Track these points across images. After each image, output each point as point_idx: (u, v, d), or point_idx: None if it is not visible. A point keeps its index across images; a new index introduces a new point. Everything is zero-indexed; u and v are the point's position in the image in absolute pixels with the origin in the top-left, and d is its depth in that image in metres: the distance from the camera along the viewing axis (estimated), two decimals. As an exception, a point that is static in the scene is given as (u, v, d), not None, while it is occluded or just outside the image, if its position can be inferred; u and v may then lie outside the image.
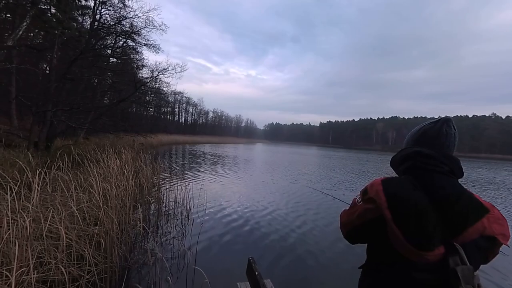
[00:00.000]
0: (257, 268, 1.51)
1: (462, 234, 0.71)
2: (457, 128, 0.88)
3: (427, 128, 0.88)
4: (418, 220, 0.72)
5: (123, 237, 2.90)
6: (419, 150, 0.84)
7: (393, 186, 0.78)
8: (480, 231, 0.71)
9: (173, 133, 44.13)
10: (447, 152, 0.83)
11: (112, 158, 5.35)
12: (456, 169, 0.81)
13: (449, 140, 0.85)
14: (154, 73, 14.92)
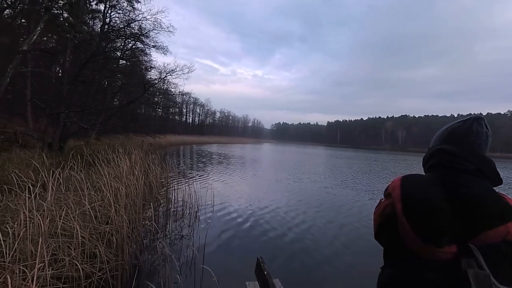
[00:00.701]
0: (266, 268, 1.51)
1: (480, 235, 0.68)
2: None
3: (455, 127, 0.85)
4: (429, 214, 0.71)
5: (133, 236, 2.95)
6: (442, 148, 0.82)
7: (410, 180, 0.78)
8: (503, 235, 0.66)
9: (181, 133, 44.69)
10: (477, 151, 0.79)
11: (122, 158, 5.46)
12: (486, 169, 0.76)
13: (480, 139, 0.81)
14: (162, 74, 15.14)
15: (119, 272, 2.22)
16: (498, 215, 0.68)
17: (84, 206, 2.75)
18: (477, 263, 0.65)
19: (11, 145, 6.92)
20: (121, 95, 20.27)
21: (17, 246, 1.90)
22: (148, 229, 3.66)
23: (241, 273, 2.62)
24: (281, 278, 2.10)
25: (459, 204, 0.71)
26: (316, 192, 7.79)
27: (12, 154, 5.63)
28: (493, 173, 0.77)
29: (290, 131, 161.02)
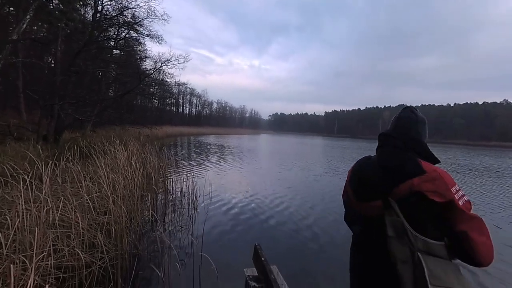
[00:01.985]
0: (263, 254, 1.54)
1: (393, 191, 0.85)
2: (468, 116, 0.95)
3: (395, 116, 1.07)
4: (361, 180, 0.97)
5: (132, 226, 2.98)
6: (381, 132, 1.04)
7: (358, 160, 1.05)
8: (410, 188, 0.82)
9: (178, 124, 44.38)
10: (405, 132, 0.98)
11: (119, 150, 5.43)
12: (411, 144, 0.95)
13: (409, 122, 1.01)
14: (158, 64, 14.84)
15: (118, 261, 2.25)
16: (406, 173, 0.84)
17: (81, 197, 2.75)
18: (395, 213, 0.82)
19: (5, 137, 6.82)
20: (116, 86, 19.92)
21: (16, 237, 1.91)
22: (147, 219, 3.70)
23: (240, 260, 2.67)
24: (278, 264, 2.15)
25: (382, 169, 0.91)
26: (312, 180, 7.87)
27: (6, 147, 5.56)
28: (421, 149, 0.95)
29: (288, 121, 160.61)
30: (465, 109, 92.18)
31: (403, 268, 0.77)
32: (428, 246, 0.78)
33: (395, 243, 0.80)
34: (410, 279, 0.75)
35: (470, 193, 7.17)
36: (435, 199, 0.79)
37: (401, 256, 0.78)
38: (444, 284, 0.73)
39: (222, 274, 2.42)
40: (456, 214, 0.79)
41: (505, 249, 3.47)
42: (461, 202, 0.79)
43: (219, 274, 2.36)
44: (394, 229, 0.81)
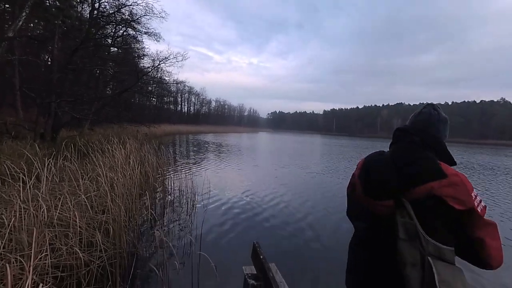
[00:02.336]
0: (262, 252, 1.54)
1: (409, 191, 0.80)
2: (466, 115, 0.93)
3: (415, 112, 1.03)
4: (372, 174, 0.90)
5: (130, 225, 2.97)
6: (398, 127, 0.99)
7: (370, 155, 0.99)
8: (428, 191, 0.78)
9: (176, 123, 44.22)
10: (425, 128, 0.94)
11: (117, 148, 5.40)
12: (431, 142, 0.90)
13: (429, 119, 0.96)
14: (156, 62, 14.75)
15: (117, 260, 2.24)
16: (425, 175, 0.80)
17: (79, 196, 2.74)
18: (408, 214, 0.78)
19: (1, 136, 6.77)
20: (113, 84, 19.79)
21: (13, 236, 1.90)
22: (146, 218, 3.69)
23: (238, 259, 2.68)
24: (277, 262, 2.15)
25: (397, 167, 0.86)
26: (310, 179, 7.88)
27: (3, 145, 5.52)
28: (440, 149, 0.90)
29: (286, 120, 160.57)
30: (463, 107, 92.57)
31: (412, 271, 0.75)
32: (439, 251, 0.76)
33: (406, 246, 0.77)
34: (418, 283, 0.74)
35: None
36: (455, 206, 0.76)
37: (411, 259, 0.76)
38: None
39: (221, 273, 2.43)
40: (475, 221, 0.78)
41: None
42: (479, 209, 0.78)
43: (218, 273, 2.37)
44: (406, 231, 0.78)
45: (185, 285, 2.33)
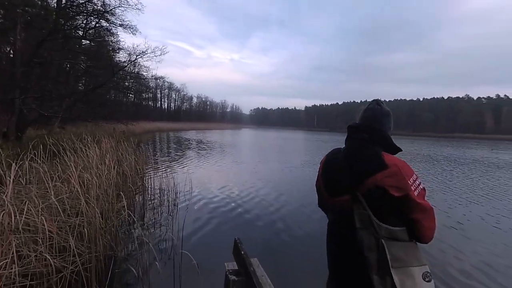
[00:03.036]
0: (243, 248, 1.55)
1: (362, 184, 0.90)
2: (435, 110, 0.99)
3: (363, 108, 1.13)
4: (330, 173, 1.04)
5: (107, 227, 2.85)
6: (350, 125, 1.08)
7: (330, 152, 1.11)
8: (374, 183, 0.87)
9: (156, 120, 42.77)
10: (372, 125, 1.03)
11: (91, 147, 5.12)
12: (377, 138, 1.00)
13: (374, 114, 1.07)
14: (132, 56, 14.10)
15: (92, 264, 2.15)
16: (371, 169, 0.89)
17: (49, 199, 2.57)
18: (362, 206, 0.88)
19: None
20: (86, 79, 18.61)
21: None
22: (124, 219, 3.56)
23: (221, 255, 2.66)
24: (259, 257, 2.18)
25: (350, 165, 0.96)
26: (290, 173, 8.04)
27: (-41, 146, 5.01)
28: (385, 142, 1.00)
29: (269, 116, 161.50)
30: (433, 103, 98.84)
31: (370, 254, 0.85)
32: (392, 233, 0.86)
33: (362, 233, 0.87)
34: (375, 263, 0.84)
35: (425, 179, 7.98)
36: (395, 194, 0.86)
37: (368, 244, 0.86)
38: (404, 264, 0.83)
39: (203, 270, 2.41)
40: (412, 204, 0.88)
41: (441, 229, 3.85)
42: (416, 192, 0.88)
43: (201, 271, 2.36)
44: (361, 221, 0.88)
45: (166, 285, 2.29)
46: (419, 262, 0.85)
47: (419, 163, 11.95)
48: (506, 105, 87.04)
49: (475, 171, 10.33)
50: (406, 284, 0.80)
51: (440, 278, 2.58)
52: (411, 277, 0.81)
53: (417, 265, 0.84)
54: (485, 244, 3.52)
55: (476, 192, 6.54)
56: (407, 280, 0.81)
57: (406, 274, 0.82)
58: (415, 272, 0.83)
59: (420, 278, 0.82)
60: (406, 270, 0.82)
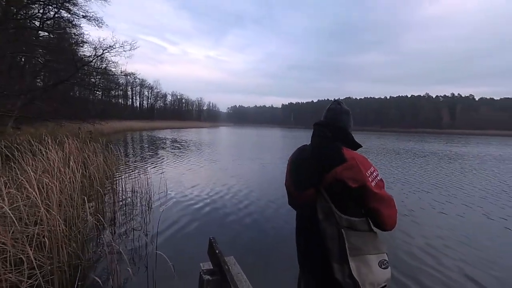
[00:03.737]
0: (217, 247, 1.55)
1: (323, 179, 0.95)
2: (400, 108, 1.09)
3: (327, 108, 1.20)
4: (296, 169, 1.10)
5: (72, 234, 2.65)
6: (315, 122, 1.16)
7: (297, 149, 1.18)
8: (334, 176, 0.93)
9: (128, 119, 40.52)
10: (334, 123, 1.11)
11: (52, 149, 4.71)
12: (339, 135, 1.07)
13: (335, 113, 1.14)
14: (98, 50, 13.17)
15: (55, 276, 1.99)
16: (332, 163, 0.95)
17: (1, 207, 2.32)
18: (324, 199, 0.94)
19: None
20: (46, 74, 16.98)
21: None
22: (92, 225, 3.34)
23: (197, 256, 2.62)
24: (236, 255, 2.19)
25: (314, 160, 1.02)
26: (265, 170, 8.16)
27: None
28: (346, 138, 1.08)
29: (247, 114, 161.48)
30: (398, 101, 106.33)
31: (331, 244, 0.91)
32: (350, 223, 0.92)
33: (325, 224, 0.93)
34: (336, 252, 0.89)
35: (386, 171, 8.71)
36: (352, 185, 0.92)
37: (330, 234, 0.92)
38: (362, 253, 0.88)
39: (179, 271, 2.36)
40: (370, 194, 0.93)
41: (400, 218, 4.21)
42: (373, 183, 0.93)
43: (176, 272, 2.30)
44: (323, 213, 0.94)
45: (140, 290, 2.20)
46: (377, 250, 0.91)
47: (383, 156, 12.85)
48: (460, 102, 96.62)
49: (430, 162, 11.37)
50: (362, 271, 0.86)
51: (390, 261, 2.79)
52: (367, 265, 0.87)
53: (374, 253, 0.90)
54: (432, 228, 3.88)
55: (428, 182, 7.18)
56: (363, 267, 0.86)
57: (363, 262, 0.87)
58: (371, 260, 0.88)
59: (376, 266, 0.88)
60: (363, 258, 0.88)
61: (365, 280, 0.85)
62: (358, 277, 0.85)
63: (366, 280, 0.85)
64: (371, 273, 0.86)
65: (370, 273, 0.86)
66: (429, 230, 3.80)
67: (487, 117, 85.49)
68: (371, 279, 0.86)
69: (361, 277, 0.85)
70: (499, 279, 2.56)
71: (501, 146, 23.32)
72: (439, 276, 2.58)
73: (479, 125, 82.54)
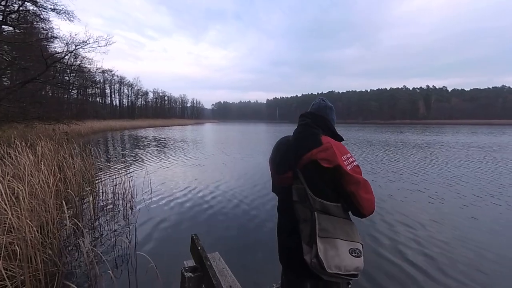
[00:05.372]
0: (200, 243, 1.53)
1: (300, 162, 1.00)
2: (380, 100, 1.14)
3: (312, 103, 1.29)
4: (275, 155, 1.16)
5: (47, 241, 2.52)
6: (301, 113, 1.21)
7: (280, 138, 1.22)
8: (309, 157, 0.98)
9: (107, 118, 38.93)
10: (316, 113, 1.18)
11: (23, 153, 4.42)
12: (319, 123, 1.13)
13: (318, 106, 1.22)
14: (71, 46, 12.41)
15: (29, 286, 1.88)
16: (308, 146, 1.01)
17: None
18: (300, 181, 0.98)
19: None
20: (12, 72, 15.76)
21: None
22: (70, 230, 3.19)
23: (180, 255, 2.60)
24: (220, 251, 2.19)
25: (295, 145, 1.07)
26: (247, 165, 8.19)
27: None
28: (326, 127, 1.14)
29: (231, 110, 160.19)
30: (378, 94, 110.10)
31: (304, 225, 0.95)
32: (323, 206, 0.94)
33: (299, 206, 0.97)
34: (307, 233, 0.93)
35: (364, 161, 9.16)
36: (324, 165, 0.95)
37: (303, 216, 0.96)
38: (331, 236, 0.89)
39: (163, 271, 2.32)
40: (345, 177, 0.94)
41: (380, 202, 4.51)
42: (349, 167, 0.95)
43: (160, 272, 2.26)
44: (298, 195, 0.98)
45: (123, 293, 2.14)
46: (349, 237, 0.91)
47: (363, 148, 13.33)
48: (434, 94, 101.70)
49: (402, 151, 12.00)
50: (328, 253, 0.86)
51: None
52: (335, 248, 0.87)
53: (345, 239, 0.90)
54: (397, 213, 4.12)
55: (397, 170, 7.56)
56: (331, 250, 0.87)
57: (330, 244, 0.88)
58: (340, 245, 0.88)
59: (345, 252, 0.88)
60: (331, 240, 0.88)
61: (330, 263, 0.86)
62: (324, 258, 0.85)
63: (332, 262, 0.86)
64: (338, 257, 0.86)
65: (337, 256, 0.86)
66: (394, 215, 4.01)
67: (458, 107, 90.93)
68: (337, 262, 0.86)
69: (327, 258, 0.86)
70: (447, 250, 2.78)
71: (468, 134, 24.97)
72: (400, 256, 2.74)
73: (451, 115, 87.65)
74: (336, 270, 0.86)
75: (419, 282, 2.34)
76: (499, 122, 67.81)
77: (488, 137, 21.15)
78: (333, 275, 0.87)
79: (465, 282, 2.34)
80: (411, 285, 2.30)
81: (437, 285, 2.30)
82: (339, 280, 0.93)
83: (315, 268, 0.88)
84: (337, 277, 0.89)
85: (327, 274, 0.88)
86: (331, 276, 0.88)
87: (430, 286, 2.29)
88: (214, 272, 1.30)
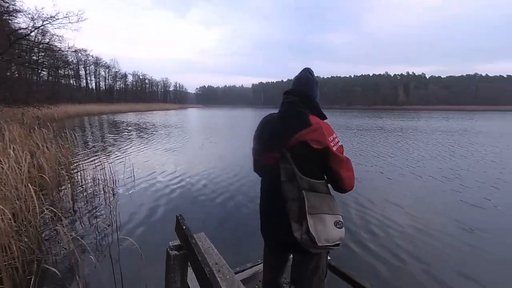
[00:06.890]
0: (184, 223, 1.53)
1: (287, 142, 0.99)
2: (363, 86, 1.10)
3: (296, 75, 1.22)
4: (260, 133, 1.14)
5: (22, 229, 2.41)
6: (285, 90, 1.17)
7: (264, 117, 1.19)
8: (298, 139, 0.98)
9: (84, 102, 36.68)
10: (301, 89, 1.14)
11: (-12, 138, 4.09)
12: (305, 101, 1.11)
13: (304, 80, 1.17)
14: (37, 21, 11.30)
15: (6, 274, 1.82)
16: (297, 126, 0.99)
17: None
18: (288, 161, 0.98)
19: None
20: (-31, 50, 14.11)
21: None
22: (48, 217, 3.07)
23: (166, 237, 2.60)
24: (206, 231, 2.21)
25: (281, 123, 1.06)
26: (231, 149, 8.21)
27: None
28: (312, 105, 1.12)
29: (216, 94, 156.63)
30: (361, 79, 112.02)
31: (292, 204, 0.96)
32: (311, 185, 0.97)
33: (287, 186, 0.97)
34: (296, 211, 0.95)
35: (347, 144, 9.56)
36: (314, 146, 0.96)
37: (291, 195, 0.96)
38: (319, 211, 0.94)
39: (147, 253, 2.33)
40: (331, 156, 0.98)
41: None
42: (335, 148, 0.98)
43: (144, 254, 2.26)
44: (286, 174, 0.98)
45: (107, 275, 2.13)
46: (333, 211, 0.97)
47: (340, 133, 13.79)
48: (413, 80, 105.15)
49: (373, 136, 12.56)
50: (317, 227, 0.92)
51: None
52: (323, 222, 0.93)
53: (330, 213, 0.96)
54: (378, 191, 4.41)
55: (365, 154, 7.93)
56: (319, 224, 0.93)
57: (319, 219, 0.93)
58: (327, 219, 0.95)
59: (331, 224, 0.94)
60: (320, 216, 0.94)
61: (320, 236, 0.91)
62: (314, 233, 0.90)
63: (321, 236, 0.91)
64: (325, 230, 0.92)
65: (324, 229, 0.92)
66: (375, 193, 4.28)
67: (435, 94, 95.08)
68: (325, 236, 0.92)
69: (317, 233, 0.91)
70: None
71: (440, 120, 26.41)
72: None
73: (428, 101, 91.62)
74: (325, 243, 0.91)
75: (357, 253, 2.54)
76: (471, 108, 72.12)
77: (457, 122, 22.57)
78: (322, 247, 0.93)
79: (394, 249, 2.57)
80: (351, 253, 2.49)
81: (372, 256, 2.51)
82: (324, 251, 0.98)
83: (306, 243, 0.92)
84: (324, 249, 0.95)
85: (317, 248, 0.92)
86: (320, 248, 0.93)
87: (365, 255, 2.50)
88: (200, 249, 1.31)
